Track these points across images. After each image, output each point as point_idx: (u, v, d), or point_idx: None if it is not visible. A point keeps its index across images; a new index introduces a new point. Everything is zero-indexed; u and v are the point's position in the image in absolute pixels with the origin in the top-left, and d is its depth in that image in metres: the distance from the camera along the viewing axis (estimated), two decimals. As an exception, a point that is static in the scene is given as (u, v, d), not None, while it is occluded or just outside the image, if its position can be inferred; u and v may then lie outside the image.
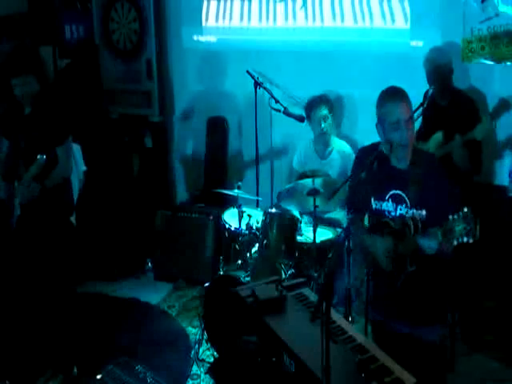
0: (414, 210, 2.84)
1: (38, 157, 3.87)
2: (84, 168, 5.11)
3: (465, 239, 2.50)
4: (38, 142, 3.97)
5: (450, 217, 2.52)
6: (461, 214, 2.49)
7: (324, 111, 4.84)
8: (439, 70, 4.29)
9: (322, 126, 4.85)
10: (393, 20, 5.00)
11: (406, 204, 2.87)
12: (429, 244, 2.71)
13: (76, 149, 4.97)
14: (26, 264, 4.20)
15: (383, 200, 2.96)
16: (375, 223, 2.95)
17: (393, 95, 2.92)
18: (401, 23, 4.98)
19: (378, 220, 2.94)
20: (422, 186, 2.83)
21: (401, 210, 2.89)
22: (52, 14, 6.42)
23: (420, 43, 4.86)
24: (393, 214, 2.92)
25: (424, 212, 2.81)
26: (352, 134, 5.27)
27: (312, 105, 4.90)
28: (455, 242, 2.53)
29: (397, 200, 2.90)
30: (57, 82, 6.34)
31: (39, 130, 3.97)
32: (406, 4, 4.91)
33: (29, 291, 4.40)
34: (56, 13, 6.44)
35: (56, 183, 4.06)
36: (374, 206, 2.99)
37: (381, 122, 2.97)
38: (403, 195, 2.89)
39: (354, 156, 4.80)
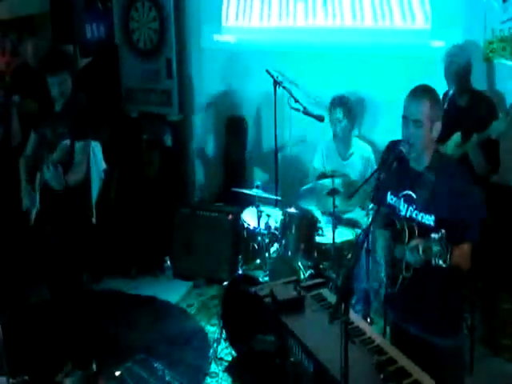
0: (423, 214, 2.78)
1: (64, 142, 3.91)
2: (104, 166, 5.13)
3: (439, 262, 2.46)
4: (64, 138, 4.00)
5: (432, 235, 2.47)
6: (440, 234, 2.44)
7: (339, 114, 4.80)
8: (458, 69, 4.25)
9: (333, 128, 4.85)
10: (413, 19, 4.97)
11: (416, 206, 2.83)
12: (410, 256, 2.66)
13: (96, 147, 5.00)
14: (44, 260, 4.24)
15: (397, 197, 2.93)
16: (386, 219, 2.91)
17: (414, 92, 2.84)
18: (421, 23, 4.94)
19: (389, 216, 2.91)
20: (433, 191, 2.76)
21: (411, 211, 2.85)
22: (73, 13, 6.47)
23: (441, 43, 4.81)
24: (402, 213, 2.89)
25: (433, 217, 2.75)
26: (371, 134, 5.25)
27: (331, 104, 4.88)
28: (433, 262, 2.48)
29: (408, 200, 2.87)
30: (78, 81, 6.39)
31: (66, 126, 4.01)
32: (427, 4, 4.88)
33: (47, 288, 4.44)
34: (77, 12, 6.48)
35: (74, 184, 4.08)
36: (389, 200, 2.97)
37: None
38: (414, 197, 2.85)
39: (374, 161, 4.82)
